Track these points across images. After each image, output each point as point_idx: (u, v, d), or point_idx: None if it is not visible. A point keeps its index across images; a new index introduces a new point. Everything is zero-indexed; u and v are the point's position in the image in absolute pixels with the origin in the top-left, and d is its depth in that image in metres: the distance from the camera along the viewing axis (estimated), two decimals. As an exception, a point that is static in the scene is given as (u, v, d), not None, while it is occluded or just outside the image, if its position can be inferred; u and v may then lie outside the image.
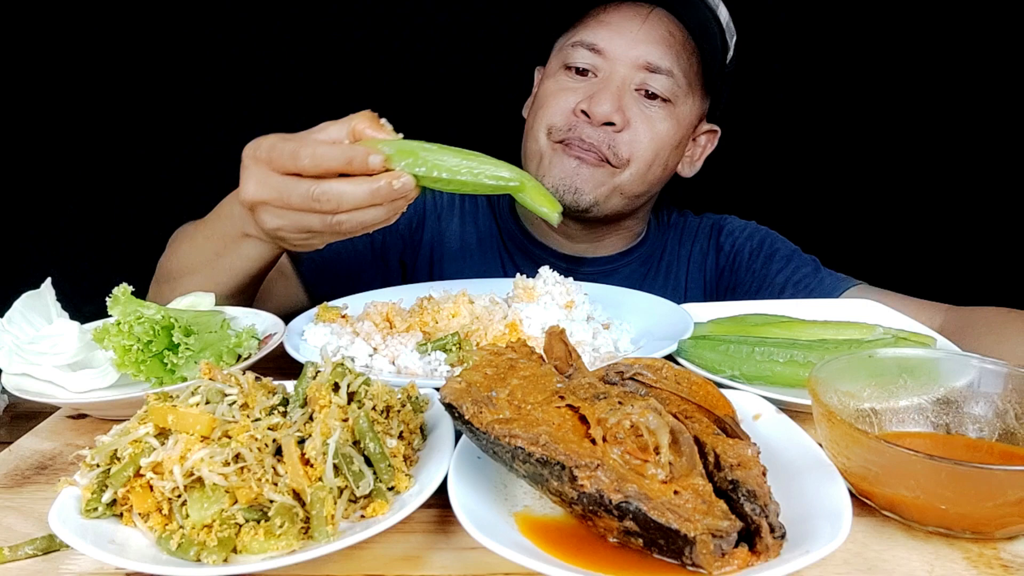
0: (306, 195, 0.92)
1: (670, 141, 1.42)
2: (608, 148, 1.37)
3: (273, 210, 0.96)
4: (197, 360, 0.91)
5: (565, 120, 1.39)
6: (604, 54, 1.37)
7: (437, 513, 0.69)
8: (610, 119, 1.35)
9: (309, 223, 0.95)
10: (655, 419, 0.60)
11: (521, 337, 1.01)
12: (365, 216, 0.92)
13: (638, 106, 1.38)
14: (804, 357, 0.93)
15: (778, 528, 0.57)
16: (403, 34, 2.90)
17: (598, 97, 1.35)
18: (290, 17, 2.90)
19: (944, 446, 0.75)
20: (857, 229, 2.93)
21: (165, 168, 3.01)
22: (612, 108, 1.35)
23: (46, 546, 0.66)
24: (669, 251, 1.64)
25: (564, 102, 1.40)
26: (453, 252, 1.58)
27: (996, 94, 2.79)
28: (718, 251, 1.61)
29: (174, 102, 2.97)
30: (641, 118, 1.38)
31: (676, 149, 1.45)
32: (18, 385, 0.92)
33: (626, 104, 1.37)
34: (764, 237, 1.59)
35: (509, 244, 1.60)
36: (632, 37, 1.36)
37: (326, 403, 0.69)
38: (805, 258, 1.53)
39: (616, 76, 1.37)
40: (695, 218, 1.70)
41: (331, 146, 0.93)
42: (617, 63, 1.37)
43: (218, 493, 0.62)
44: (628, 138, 1.38)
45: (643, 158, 1.39)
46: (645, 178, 1.42)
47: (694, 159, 1.56)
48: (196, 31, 2.91)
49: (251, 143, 1.00)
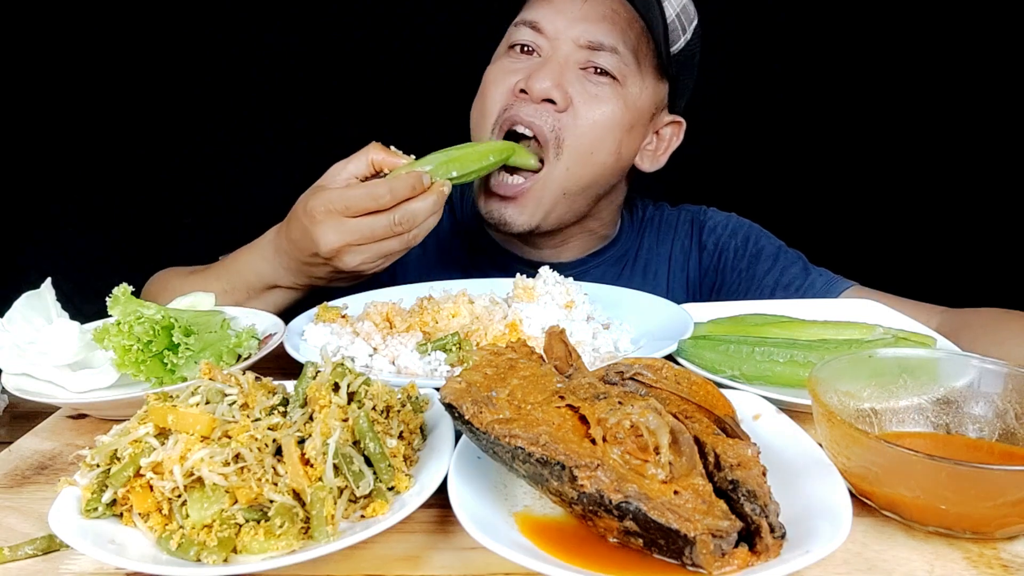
0: (389, 224, 1.09)
1: (618, 123, 1.32)
2: (551, 131, 1.29)
3: (355, 248, 1.11)
4: (197, 360, 0.91)
5: (505, 101, 1.33)
6: (545, 33, 1.32)
7: (437, 513, 0.69)
8: (549, 95, 1.28)
9: (390, 247, 1.12)
10: (655, 419, 0.60)
11: (521, 337, 1.01)
12: (429, 223, 1.13)
13: (581, 84, 1.30)
14: (804, 357, 0.93)
15: (778, 528, 0.57)
16: (403, 34, 2.91)
17: (537, 73, 1.28)
18: (290, 17, 2.90)
19: (944, 446, 0.75)
20: (852, 229, 2.93)
21: (165, 168, 3.01)
22: (552, 83, 1.27)
23: (46, 546, 0.66)
24: (647, 249, 1.57)
25: (503, 86, 1.34)
26: (414, 259, 1.52)
27: (993, 93, 2.79)
28: (701, 250, 1.55)
29: (174, 102, 2.97)
30: (584, 97, 1.30)
31: (628, 133, 1.36)
32: (18, 385, 0.92)
33: (568, 81, 1.30)
34: (748, 234, 1.53)
35: (473, 251, 1.55)
36: (573, 15, 1.31)
37: (326, 403, 0.69)
38: (791, 256, 1.48)
39: (559, 53, 1.31)
40: (672, 211, 1.62)
41: (397, 179, 1.10)
42: (559, 41, 1.31)
43: (218, 493, 0.62)
44: (568, 119, 1.30)
45: (583, 143, 1.31)
46: (588, 168, 1.33)
47: (657, 153, 1.47)
48: (196, 31, 2.91)
49: (306, 203, 1.13)
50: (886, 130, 2.89)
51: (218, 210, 2.87)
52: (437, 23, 2.88)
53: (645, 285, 1.52)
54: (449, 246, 1.56)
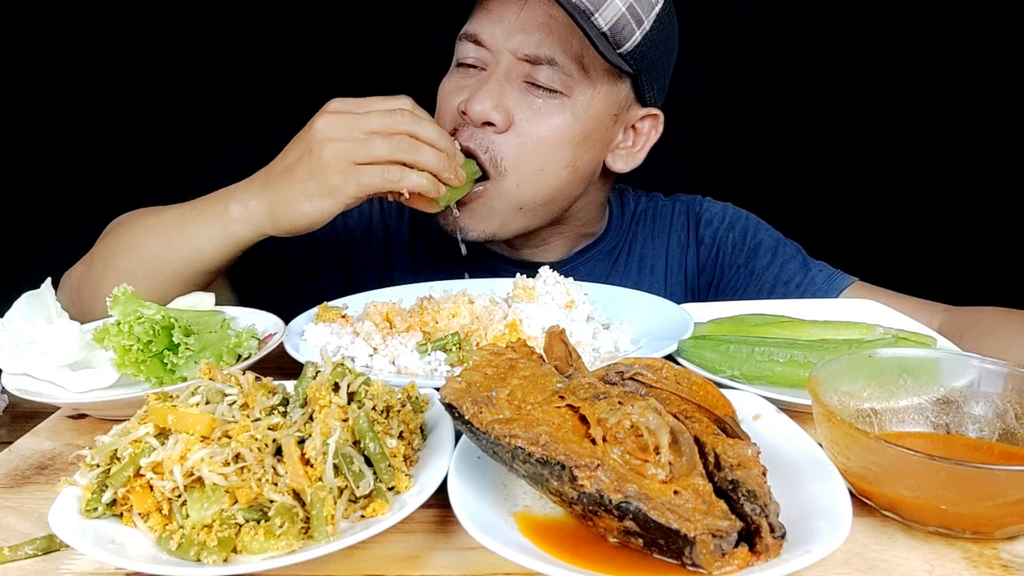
0: (389, 132, 1.08)
1: (567, 136, 1.26)
2: (485, 153, 1.25)
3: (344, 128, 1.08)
4: (197, 360, 0.91)
5: (452, 123, 1.29)
6: (486, 45, 1.26)
7: (437, 513, 0.69)
8: (488, 118, 1.23)
9: (374, 151, 1.07)
10: (655, 419, 0.60)
11: (521, 337, 1.01)
12: (428, 156, 1.09)
13: (525, 100, 1.24)
14: (804, 357, 0.93)
15: (778, 528, 0.57)
16: (403, 34, 2.91)
17: (476, 95, 1.23)
18: (290, 17, 2.90)
19: (944, 446, 0.75)
20: (855, 226, 2.93)
21: (165, 168, 3.01)
22: (490, 105, 1.22)
23: (46, 546, 0.66)
24: (641, 243, 1.53)
25: (449, 104, 1.29)
26: (404, 260, 1.50)
27: (994, 91, 2.79)
28: (698, 244, 1.51)
29: (174, 102, 2.97)
30: (527, 114, 1.24)
31: (582, 145, 1.29)
32: (18, 385, 0.92)
33: (510, 99, 1.24)
34: (745, 226, 1.50)
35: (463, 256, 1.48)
36: (510, 24, 1.24)
37: (326, 403, 0.69)
38: (790, 249, 1.46)
39: (499, 69, 1.25)
40: (666, 202, 1.58)
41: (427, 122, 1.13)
42: (499, 55, 1.25)
43: (218, 493, 0.62)
44: (511, 141, 1.25)
45: (529, 162, 1.26)
46: (540, 185, 1.28)
47: (633, 150, 1.40)
48: (196, 31, 2.91)
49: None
50: (886, 123, 2.89)
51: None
52: (437, 23, 2.87)
53: (641, 280, 1.50)
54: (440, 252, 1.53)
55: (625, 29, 1.22)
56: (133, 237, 1.23)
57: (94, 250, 1.29)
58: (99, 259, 1.25)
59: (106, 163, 3.01)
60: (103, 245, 1.28)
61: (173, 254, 1.16)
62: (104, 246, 1.27)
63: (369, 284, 1.33)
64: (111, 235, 1.29)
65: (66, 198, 3.01)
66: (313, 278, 1.47)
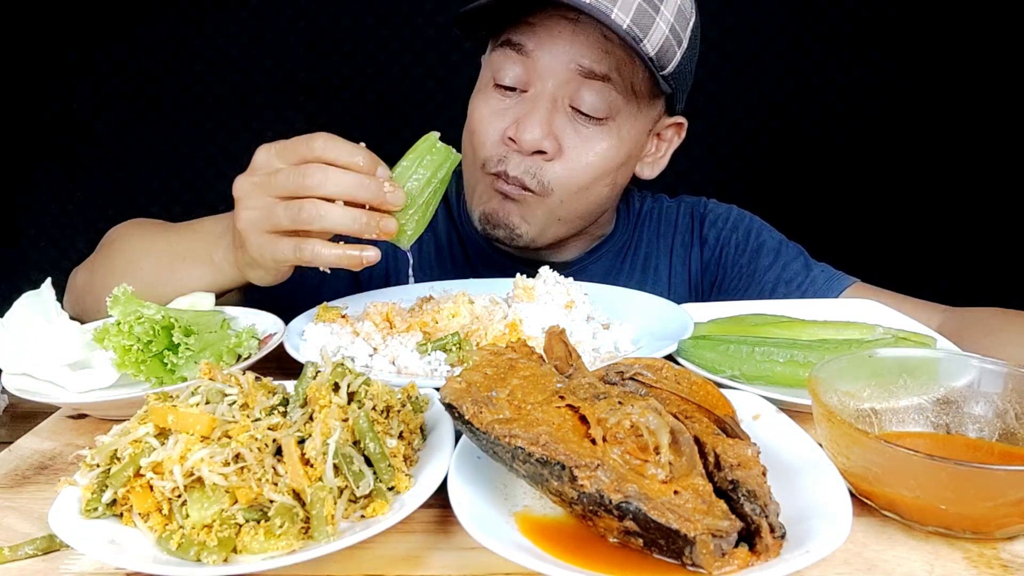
0: (292, 171, 0.91)
1: (611, 163, 1.29)
2: (533, 178, 1.25)
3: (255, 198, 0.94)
4: (197, 360, 0.91)
5: (496, 151, 1.27)
6: (533, 58, 1.22)
7: (437, 513, 0.69)
8: (540, 147, 1.22)
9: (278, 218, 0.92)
10: (655, 419, 0.60)
11: (521, 337, 1.01)
12: (342, 216, 0.91)
13: (572, 126, 1.24)
14: (804, 357, 0.93)
15: (778, 528, 0.57)
16: (403, 34, 2.91)
17: (526, 121, 1.22)
18: (290, 18, 2.90)
19: (944, 446, 0.75)
20: (853, 227, 2.93)
21: (165, 168, 3.01)
22: (542, 133, 1.21)
23: (46, 546, 0.66)
24: (647, 243, 1.54)
25: (493, 129, 1.27)
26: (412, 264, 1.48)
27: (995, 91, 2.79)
28: (703, 244, 1.52)
29: (174, 102, 2.97)
30: (575, 140, 1.25)
31: (622, 167, 1.32)
32: (18, 385, 0.92)
33: (559, 127, 1.24)
34: (749, 227, 1.51)
35: (472, 254, 1.51)
36: (563, 40, 1.21)
37: (326, 403, 0.69)
38: (793, 250, 1.47)
39: (546, 93, 1.23)
40: (671, 202, 1.59)
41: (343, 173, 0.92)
42: (547, 73, 1.22)
43: (218, 493, 0.62)
44: (558, 168, 1.25)
45: (576, 184, 1.27)
46: (582, 201, 1.31)
47: (658, 157, 1.43)
48: (196, 31, 2.91)
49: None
50: (885, 127, 2.89)
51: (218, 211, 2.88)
52: (437, 23, 2.88)
53: (646, 280, 1.51)
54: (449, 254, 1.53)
55: (669, 52, 1.23)
56: (131, 258, 1.22)
57: (95, 258, 1.29)
58: (99, 272, 1.24)
59: (106, 163, 3.01)
60: (103, 256, 1.28)
61: (166, 287, 1.13)
62: (104, 258, 1.27)
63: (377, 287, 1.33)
64: (111, 247, 1.29)
65: (66, 199, 3.02)
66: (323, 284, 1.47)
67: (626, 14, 1.16)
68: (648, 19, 1.18)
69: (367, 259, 0.95)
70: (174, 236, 1.21)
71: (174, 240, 1.20)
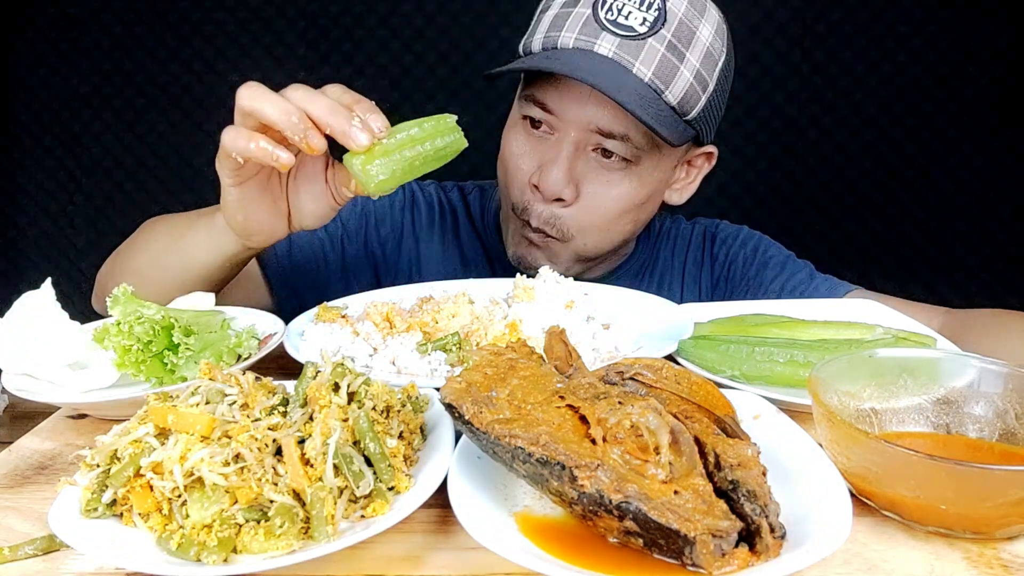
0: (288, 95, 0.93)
1: (631, 204, 1.31)
2: (552, 227, 1.29)
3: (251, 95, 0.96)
4: (197, 360, 0.90)
5: (522, 197, 1.31)
6: (555, 113, 1.25)
7: (437, 513, 0.69)
8: (560, 195, 1.25)
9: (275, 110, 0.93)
10: (655, 419, 0.60)
11: (521, 337, 1.01)
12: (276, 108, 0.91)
13: (594, 171, 1.27)
14: (804, 357, 0.93)
15: (778, 528, 0.57)
16: (403, 34, 2.91)
17: (547, 169, 1.25)
18: (290, 17, 2.90)
19: (944, 446, 0.75)
20: (853, 234, 2.94)
21: (165, 167, 3.01)
22: (563, 182, 1.24)
23: (46, 546, 0.66)
24: (663, 261, 1.58)
25: (520, 173, 1.31)
26: (434, 275, 1.49)
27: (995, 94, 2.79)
28: (713, 261, 1.56)
29: (174, 102, 2.98)
30: (596, 186, 1.28)
31: (644, 205, 1.35)
32: (18, 385, 0.91)
33: (580, 173, 1.27)
34: (757, 244, 1.54)
35: (497, 267, 1.52)
36: (580, 103, 1.22)
37: (326, 403, 0.69)
38: (799, 264, 1.50)
39: (568, 139, 1.25)
40: (687, 224, 1.63)
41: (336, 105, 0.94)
42: (569, 127, 1.24)
43: (218, 493, 0.62)
44: (577, 213, 1.28)
45: (595, 227, 1.31)
46: (605, 240, 1.35)
47: (687, 183, 1.45)
48: (196, 31, 2.92)
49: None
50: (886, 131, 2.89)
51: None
52: (437, 23, 2.88)
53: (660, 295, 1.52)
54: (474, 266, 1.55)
55: (692, 98, 1.23)
56: (147, 237, 1.27)
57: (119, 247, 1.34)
58: (122, 253, 1.30)
59: (106, 163, 3.01)
60: (126, 243, 1.33)
61: (172, 259, 1.17)
62: (126, 244, 1.33)
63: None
64: (135, 234, 1.34)
65: (66, 198, 3.02)
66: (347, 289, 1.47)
67: (648, 67, 1.18)
68: (671, 69, 1.19)
69: (279, 157, 0.93)
70: (194, 213, 1.25)
71: (193, 216, 1.23)
